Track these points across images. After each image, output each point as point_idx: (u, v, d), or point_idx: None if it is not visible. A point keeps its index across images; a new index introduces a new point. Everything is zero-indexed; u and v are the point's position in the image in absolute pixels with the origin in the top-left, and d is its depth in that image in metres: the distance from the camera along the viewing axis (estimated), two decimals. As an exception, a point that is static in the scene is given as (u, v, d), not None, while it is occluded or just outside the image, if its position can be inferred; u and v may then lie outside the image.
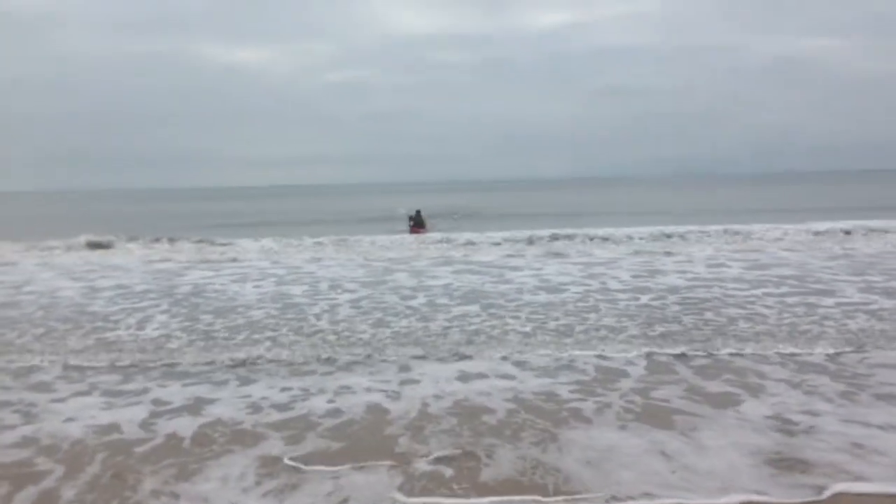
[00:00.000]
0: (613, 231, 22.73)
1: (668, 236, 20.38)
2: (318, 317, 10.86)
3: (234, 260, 18.70)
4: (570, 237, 21.34)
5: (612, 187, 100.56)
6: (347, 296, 12.75)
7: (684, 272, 14.84)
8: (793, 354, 8.17)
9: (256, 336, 9.59)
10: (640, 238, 21.13)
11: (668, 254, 18.05)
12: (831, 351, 8.25)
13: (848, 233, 20.20)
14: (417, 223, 25.87)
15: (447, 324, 10.02)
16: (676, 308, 10.92)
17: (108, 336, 9.81)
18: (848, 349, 8.29)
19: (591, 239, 20.40)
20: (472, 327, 9.81)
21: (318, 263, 17.77)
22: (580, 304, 11.39)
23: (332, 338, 9.35)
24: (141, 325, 10.46)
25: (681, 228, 23.06)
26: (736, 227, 22.95)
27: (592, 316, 10.45)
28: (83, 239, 21.46)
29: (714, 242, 19.37)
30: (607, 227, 24.60)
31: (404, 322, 10.22)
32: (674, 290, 12.65)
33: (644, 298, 11.76)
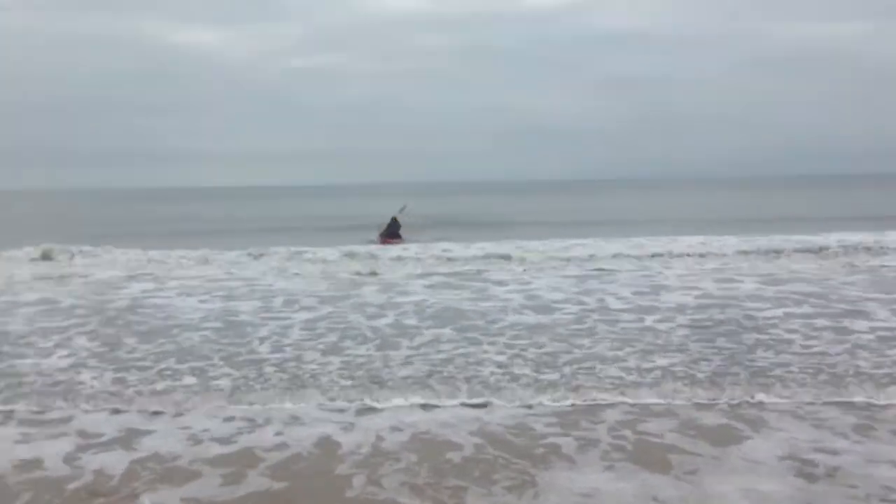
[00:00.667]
0: (620, 244, 22.84)
1: (656, 255, 20.20)
2: (262, 340, 10.79)
3: (186, 268, 18.71)
4: (566, 253, 21.17)
5: (618, 191, 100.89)
6: (303, 315, 12.72)
7: (692, 288, 14.96)
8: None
9: (180, 366, 9.28)
10: (642, 250, 21.11)
11: (670, 267, 18.33)
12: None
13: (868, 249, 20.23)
14: (391, 232, 25.47)
15: (411, 352, 9.88)
16: (684, 332, 10.94)
17: (3, 366, 9.45)
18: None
19: (590, 257, 20.24)
20: (441, 355, 9.70)
21: (277, 275, 17.82)
22: (570, 328, 11.35)
23: (269, 369, 9.08)
24: (50, 351, 10.21)
25: (690, 240, 23.21)
26: (760, 239, 23.11)
27: (585, 342, 10.40)
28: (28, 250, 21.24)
29: (731, 260, 19.33)
30: (614, 237, 24.71)
31: (362, 350, 10.09)
32: (681, 308, 12.69)
33: (649, 320, 11.78)
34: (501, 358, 9.50)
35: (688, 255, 19.83)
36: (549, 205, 59.31)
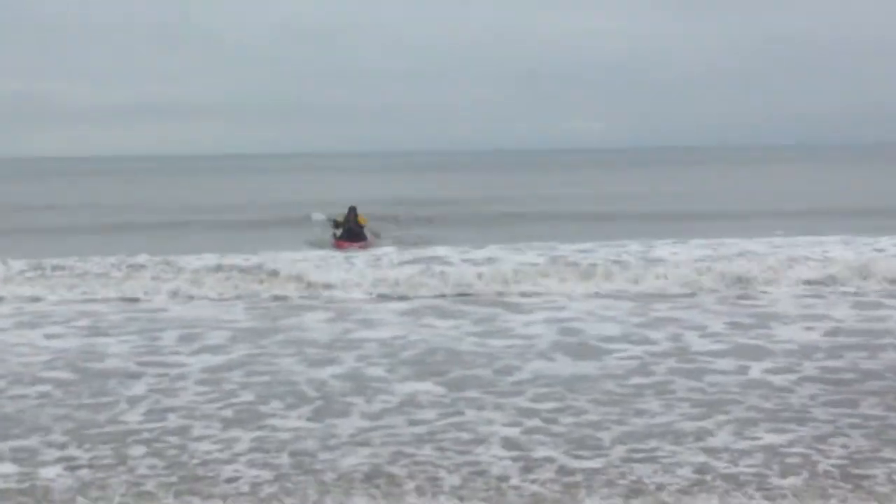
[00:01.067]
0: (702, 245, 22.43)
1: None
2: (135, 402, 10.46)
3: (33, 282, 18.13)
4: (617, 257, 20.72)
5: (698, 164, 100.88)
6: (205, 359, 12.48)
7: (819, 318, 14.72)
8: None
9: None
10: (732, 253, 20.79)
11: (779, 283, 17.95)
12: None
13: None
14: (350, 233, 24.19)
15: (368, 423, 9.56)
16: (808, 390, 10.54)
17: None
18: None
19: (651, 261, 19.85)
20: (416, 428, 9.32)
21: (172, 294, 17.70)
22: (628, 382, 10.99)
23: (136, 452, 8.71)
24: None
25: (808, 240, 22.87)
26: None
27: (650, 406, 9.96)
28: None
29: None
30: (690, 235, 24.35)
31: (291, 418, 9.72)
32: (804, 350, 12.36)
33: (754, 370, 11.48)
34: (513, 432, 9.16)
35: (809, 261, 19.31)
36: (594, 185, 58.42)
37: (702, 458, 8.25)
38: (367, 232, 24.57)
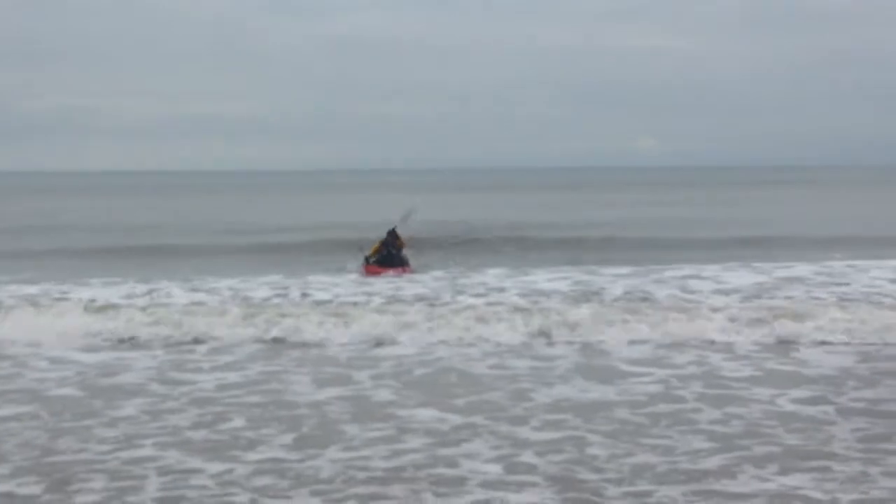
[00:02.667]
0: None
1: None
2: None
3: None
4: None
5: (761, 184, 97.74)
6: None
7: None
8: None
9: None
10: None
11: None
12: None
13: None
14: (385, 256, 20.98)
15: (348, 454, 8.72)
16: (837, 418, 9.64)
17: None
18: None
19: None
20: (394, 461, 8.51)
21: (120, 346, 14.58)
22: (652, 408, 10.23)
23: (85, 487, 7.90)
24: None
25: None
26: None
27: (664, 439, 9.12)
28: None
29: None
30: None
31: (273, 450, 8.92)
32: (838, 378, 11.45)
33: (786, 399, 10.58)
34: (496, 469, 8.30)
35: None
36: (648, 208, 56.58)
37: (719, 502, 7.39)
38: (406, 254, 21.12)
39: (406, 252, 21.14)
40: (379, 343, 13.94)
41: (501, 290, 17.94)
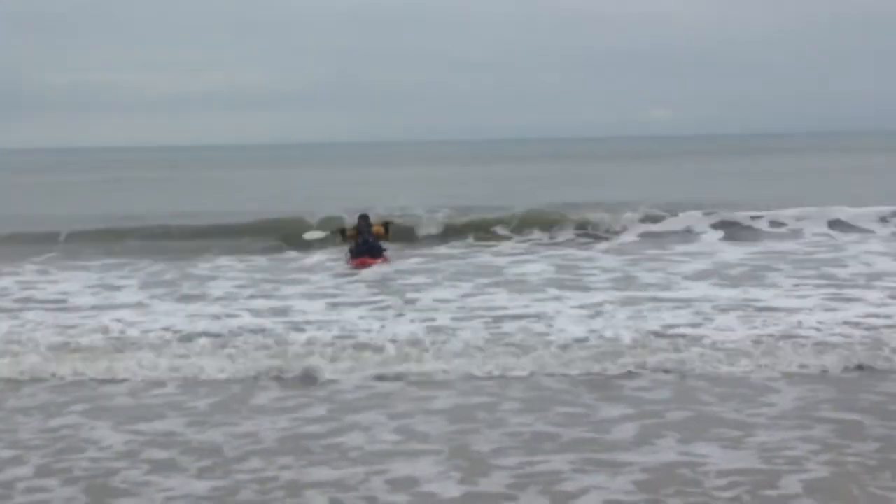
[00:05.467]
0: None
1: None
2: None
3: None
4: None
5: (783, 152, 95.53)
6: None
7: None
8: None
9: None
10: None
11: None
12: None
13: None
14: (367, 246, 19.53)
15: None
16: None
17: None
18: None
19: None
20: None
21: None
22: None
23: None
24: None
25: None
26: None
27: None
28: None
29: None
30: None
31: (186, 480, 7.93)
32: None
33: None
34: None
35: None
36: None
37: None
38: (383, 244, 19.86)
39: (383, 242, 19.97)
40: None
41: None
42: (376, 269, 18.74)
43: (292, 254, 21.74)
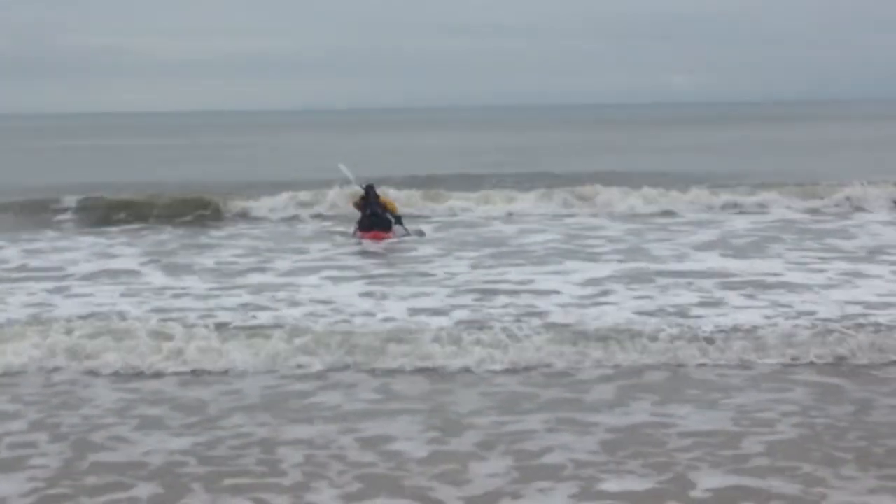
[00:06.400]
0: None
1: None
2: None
3: None
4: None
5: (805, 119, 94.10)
6: None
7: None
8: None
9: None
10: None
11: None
12: None
13: None
14: (376, 218, 18.66)
15: None
16: None
17: None
18: None
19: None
20: None
21: None
22: None
23: None
24: None
25: None
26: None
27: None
28: None
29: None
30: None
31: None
32: None
33: None
34: None
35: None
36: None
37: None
38: (390, 217, 18.74)
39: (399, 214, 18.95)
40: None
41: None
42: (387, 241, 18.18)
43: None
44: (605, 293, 13.12)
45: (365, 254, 17.33)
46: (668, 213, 22.04)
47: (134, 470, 7.35)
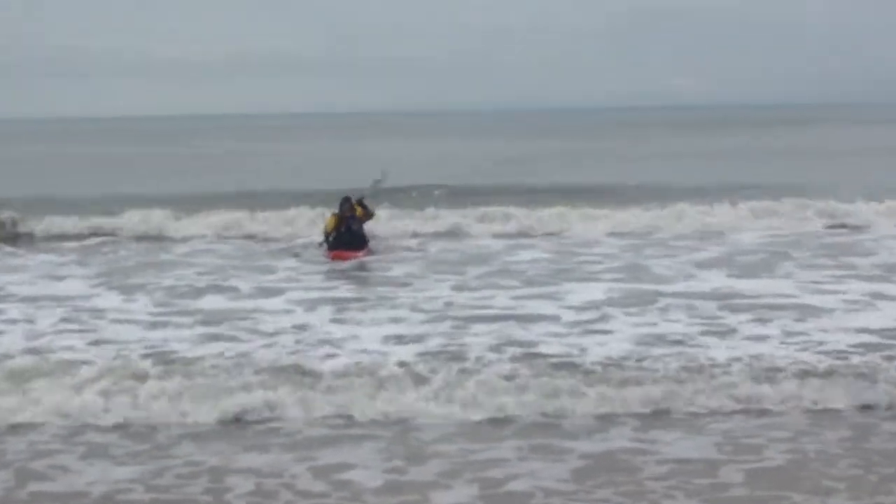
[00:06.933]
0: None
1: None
2: None
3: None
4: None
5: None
6: None
7: None
8: None
9: None
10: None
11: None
12: None
13: None
14: (351, 235, 18.29)
15: None
16: None
17: None
18: None
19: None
20: None
21: None
22: None
23: None
24: None
25: None
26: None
27: None
28: None
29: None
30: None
31: None
32: None
33: None
34: None
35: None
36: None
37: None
38: (367, 229, 18.63)
39: (366, 226, 18.70)
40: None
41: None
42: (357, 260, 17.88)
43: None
44: (600, 319, 12.62)
45: (338, 274, 16.97)
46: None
47: (75, 500, 7.41)
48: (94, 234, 21.24)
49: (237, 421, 9.13)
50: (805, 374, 9.83)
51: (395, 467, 7.97)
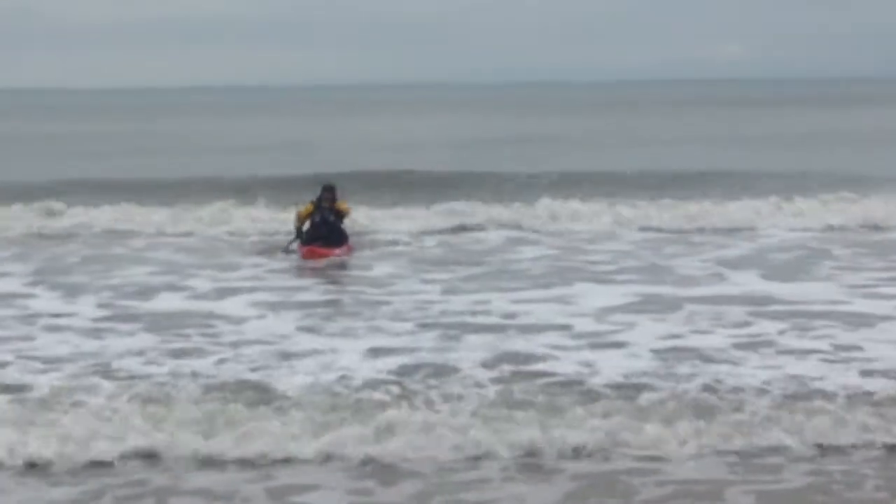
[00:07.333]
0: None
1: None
2: None
3: None
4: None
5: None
6: None
7: None
8: None
9: None
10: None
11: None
12: None
13: None
14: (326, 227, 18.19)
15: None
16: None
17: None
18: None
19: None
20: None
21: None
22: None
23: None
24: None
25: None
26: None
27: None
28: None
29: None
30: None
31: None
32: None
33: None
34: None
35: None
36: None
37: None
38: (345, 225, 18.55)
39: (347, 221, 18.63)
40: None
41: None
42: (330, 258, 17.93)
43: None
44: (614, 331, 12.70)
45: (310, 273, 17.27)
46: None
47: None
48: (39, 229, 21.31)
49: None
50: (856, 400, 9.64)
51: (363, 488, 8.07)
